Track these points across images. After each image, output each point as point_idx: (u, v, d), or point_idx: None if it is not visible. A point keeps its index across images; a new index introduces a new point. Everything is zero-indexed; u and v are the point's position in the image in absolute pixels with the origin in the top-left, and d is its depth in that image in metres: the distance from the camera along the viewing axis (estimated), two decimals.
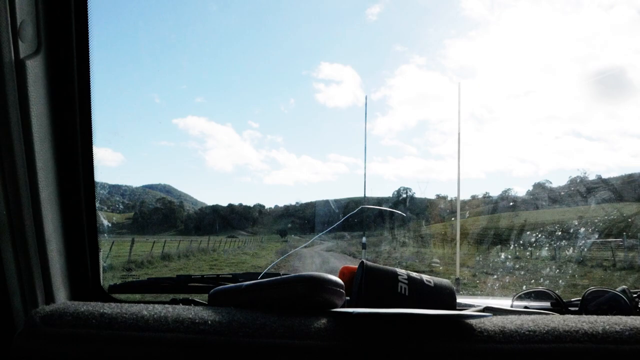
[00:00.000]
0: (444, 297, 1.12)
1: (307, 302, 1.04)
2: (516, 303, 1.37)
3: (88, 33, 1.14)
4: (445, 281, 1.16)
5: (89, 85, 1.17)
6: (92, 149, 1.21)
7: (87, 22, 1.14)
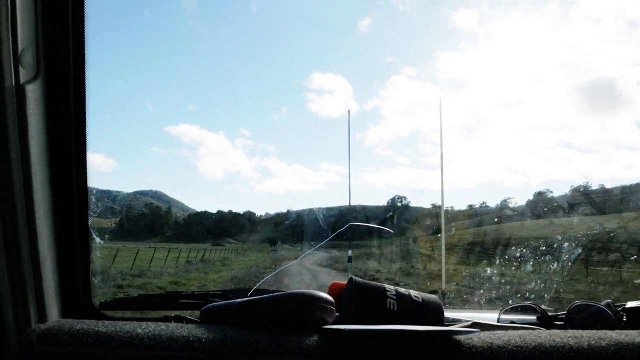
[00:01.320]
0: (432, 312, 1.13)
1: (299, 320, 1.05)
2: (503, 317, 1.39)
3: (85, 57, 1.18)
4: (432, 297, 1.18)
5: (85, 109, 1.20)
6: (86, 170, 1.23)
7: (84, 47, 1.17)
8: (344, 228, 1.88)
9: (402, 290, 1.15)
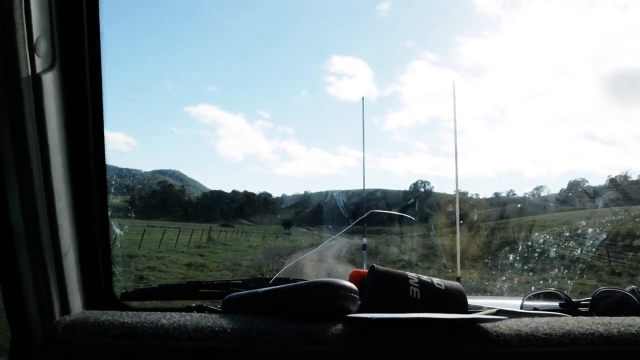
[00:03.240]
0: (455, 299, 1.12)
1: (323, 308, 1.05)
2: (526, 303, 1.38)
3: (100, 44, 1.16)
4: (455, 284, 1.16)
5: (102, 96, 1.20)
6: (104, 158, 1.23)
7: (99, 34, 1.16)
8: (364, 215, 1.88)
9: (424, 277, 1.14)
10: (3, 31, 0.96)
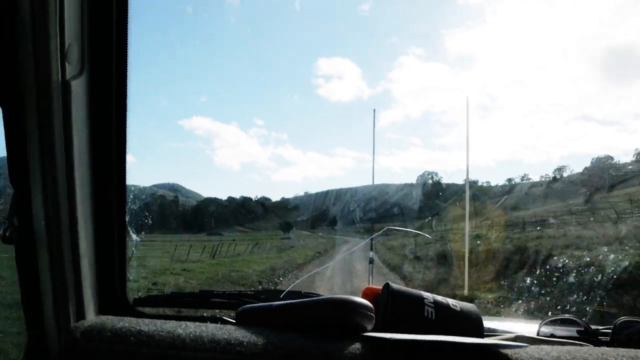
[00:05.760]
0: (471, 322, 1.10)
1: (338, 325, 1.04)
2: (543, 329, 1.35)
3: (127, 53, 1.18)
4: (471, 305, 1.14)
5: (126, 105, 1.21)
6: (125, 167, 1.24)
7: (127, 42, 1.18)
8: (381, 232, 1.87)
9: (440, 298, 1.12)
10: (37, 37, 0.98)
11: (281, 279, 18.15)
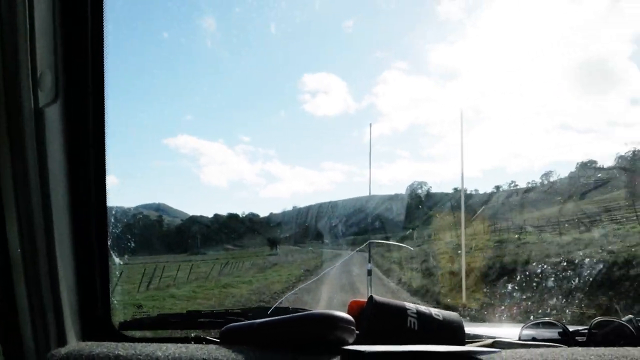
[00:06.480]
0: (453, 331, 1.12)
1: (320, 340, 1.05)
2: (525, 333, 1.38)
3: (104, 79, 1.19)
4: (453, 314, 1.17)
5: (104, 131, 1.21)
6: (105, 191, 1.24)
7: (103, 69, 1.18)
8: (362, 246, 1.90)
9: (423, 308, 1.14)
10: (7, 65, 0.98)
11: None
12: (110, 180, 1.25)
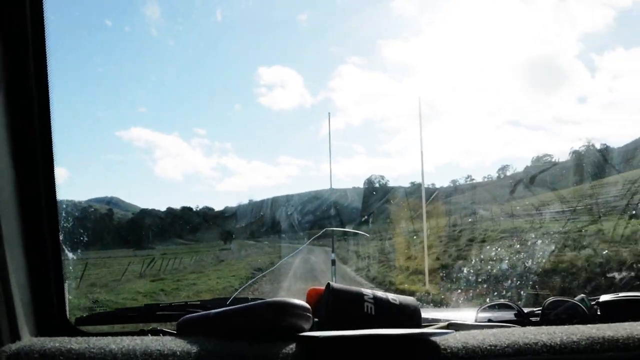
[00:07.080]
0: (409, 314, 1.15)
1: (275, 328, 1.05)
2: (481, 315, 1.40)
3: (47, 69, 1.15)
4: (410, 299, 1.20)
5: (50, 123, 1.18)
6: (54, 181, 1.21)
7: (46, 59, 1.15)
8: (319, 233, 1.91)
9: (380, 293, 1.16)
10: None
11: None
12: (61, 174, 1.21)
